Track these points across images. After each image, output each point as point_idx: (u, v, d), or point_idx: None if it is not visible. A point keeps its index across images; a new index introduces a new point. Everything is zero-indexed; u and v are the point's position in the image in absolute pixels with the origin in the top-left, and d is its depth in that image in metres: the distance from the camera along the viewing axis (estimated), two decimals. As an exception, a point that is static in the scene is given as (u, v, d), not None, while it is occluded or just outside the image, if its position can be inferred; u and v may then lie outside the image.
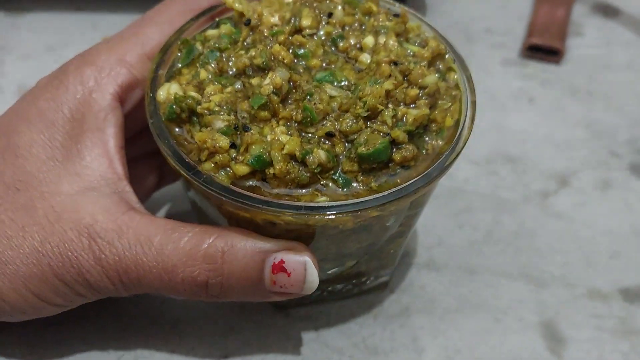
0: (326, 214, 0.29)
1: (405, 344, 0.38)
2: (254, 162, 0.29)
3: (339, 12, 0.34)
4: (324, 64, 0.33)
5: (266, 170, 0.29)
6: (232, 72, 0.32)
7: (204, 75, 0.32)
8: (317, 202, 0.29)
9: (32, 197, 0.31)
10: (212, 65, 0.32)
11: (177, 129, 0.31)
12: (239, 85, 0.31)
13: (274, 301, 0.34)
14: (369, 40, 0.33)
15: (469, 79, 0.34)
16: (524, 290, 0.40)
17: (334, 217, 0.29)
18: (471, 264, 0.42)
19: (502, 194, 0.46)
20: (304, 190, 0.29)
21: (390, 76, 0.31)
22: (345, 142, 0.30)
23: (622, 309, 0.40)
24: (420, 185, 0.30)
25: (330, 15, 0.34)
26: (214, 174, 0.29)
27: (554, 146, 0.49)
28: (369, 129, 0.30)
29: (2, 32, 0.55)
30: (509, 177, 0.47)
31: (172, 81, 0.32)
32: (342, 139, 0.30)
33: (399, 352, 0.37)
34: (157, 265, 0.30)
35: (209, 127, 0.30)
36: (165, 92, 0.32)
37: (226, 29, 0.34)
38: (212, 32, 0.34)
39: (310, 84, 0.31)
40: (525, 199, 0.45)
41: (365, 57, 0.33)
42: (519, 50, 0.57)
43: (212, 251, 0.30)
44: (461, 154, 0.31)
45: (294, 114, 0.30)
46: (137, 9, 0.57)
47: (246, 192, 0.29)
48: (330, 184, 0.30)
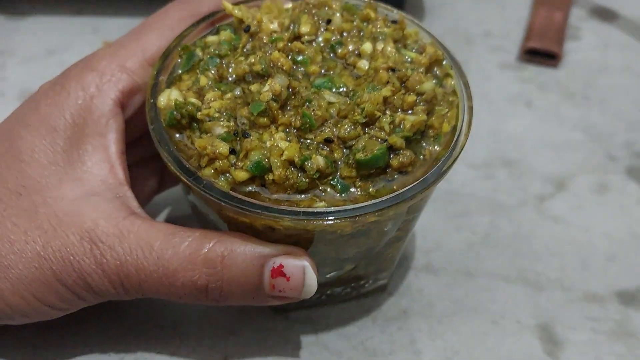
0: (325, 219, 0.29)
1: (403, 347, 0.38)
2: (253, 168, 0.29)
3: (338, 19, 0.35)
4: (323, 70, 0.33)
5: (265, 176, 0.29)
6: (231, 79, 0.32)
7: (204, 81, 0.32)
8: (315, 207, 0.29)
9: (35, 202, 0.32)
10: (212, 71, 0.33)
11: (177, 135, 0.31)
12: (239, 91, 0.32)
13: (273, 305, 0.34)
14: (367, 46, 0.33)
15: (466, 85, 0.34)
16: (521, 293, 0.41)
17: (332, 222, 0.29)
18: (469, 267, 0.42)
19: (500, 198, 0.46)
20: (302, 195, 0.30)
21: (388, 83, 0.31)
22: (343, 148, 0.30)
23: (618, 311, 0.40)
24: (417, 190, 0.30)
25: (329, 21, 0.34)
26: (213, 180, 0.30)
27: (551, 150, 0.49)
28: (366, 135, 0.30)
29: (3, 35, 0.56)
30: (506, 180, 0.47)
31: (172, 87, 0.33)
32: (341, 145, 0.30)
33: (398, 355, 0.38)
34: (158, 269, 0.31)
35: (209, 133, 0.30)
36: (165, 98, 0.32)
37: (226, 36, 0.34)
38: (212, 39, 0.34)
39: (309, 90, 0.32)
40: (522, 203, 0.46)
41: (363, 64, 0.33)
42: (516, 53, 0.57)
43: (212, 256, 0.31)
44: (458, 159, 0.32)
45: (293, 120, 0.31)
46: (137, 13, 0.57)
47: (246, 198, 0.29)
48: (328, 190, 0.30)
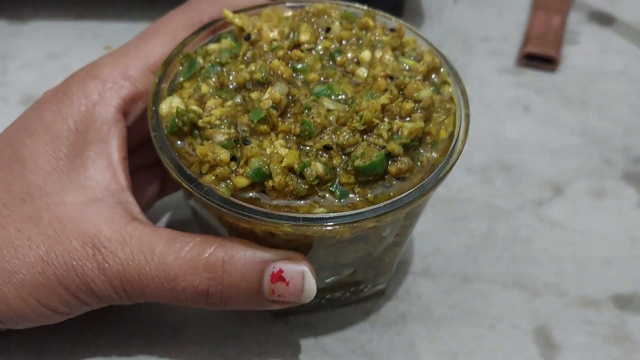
0: (324, 225, 0.29)
1: (402, 350, 0.38)
2: (253, 174, 0.29)
3: (337, 27, 0.35)
4: (322, 78, 0.34)
5: (265, 182, 0.30)
6: (232, 86, 0.33)
7: (205, 89, 0.33)
8: (315, 213, 0.30)
9: (38, 208, 0.32)
10: (213, 79, 0.33)
11: (179, 142, 0.32)
12: (239, 99, 0.32)
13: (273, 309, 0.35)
14: (366, 54, 0.34)
15: (463, 92, 0.34)
16: (518, 297, 0.41)
17: (331, 228, 0.30)
18: (466, 271, 0.42)
19: (497, 202, 0.46)
20: (302, 201, 0.30)
21: (386, 90, 0.32)
22: (342, 155, 0.31)
23: (614, 316, 0.40)
24: (415, 196, 0.31)
25: (328, 30, 0.35)
26: (214, 186, 0.30)
27: (549, 154, 0.50)
28: (365, 142, 0.31)
29: (4, 40, 0.56)
30: (504, 185, 0.47)
31: (174, 95, 0.33)
32: (339, 152, 0.31)
33: (396, 358, 0.38)
34: (159, 274, 0.31)
35: (210, 141, 0.31)
36: (167, 105, 0.32)
37: (227, 44, 0.35)
38: (213, 47, 0.35)
39: (308, 98, 0.32)
40: (519, 207, 0.46)
41: (362, 71, 0.33)
42: (515, 58, 0.57)
43: (212, 261, 0.31)
44: (455, 165, 0.32)
45: (293, 127, 0.31)
46: (138, 18, 0.58)
47: (246, 204, 0.30)
48: (327, 196, 0.30)
